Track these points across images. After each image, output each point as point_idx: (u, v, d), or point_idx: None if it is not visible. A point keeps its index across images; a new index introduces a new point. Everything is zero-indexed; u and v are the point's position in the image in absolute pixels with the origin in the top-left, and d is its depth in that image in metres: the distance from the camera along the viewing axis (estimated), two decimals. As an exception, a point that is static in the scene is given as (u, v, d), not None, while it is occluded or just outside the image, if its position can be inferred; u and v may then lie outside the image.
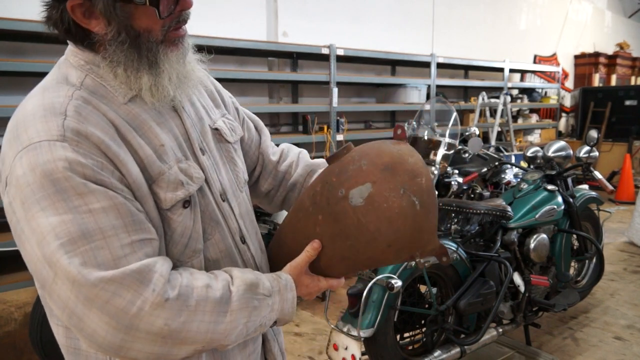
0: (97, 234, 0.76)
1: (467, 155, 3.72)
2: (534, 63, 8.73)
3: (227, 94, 1.18)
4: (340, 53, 4.74)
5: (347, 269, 1.00)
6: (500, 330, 2.68)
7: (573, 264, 3.40)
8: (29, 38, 3.32)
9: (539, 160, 3.24)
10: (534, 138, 8.23)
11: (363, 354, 2.23)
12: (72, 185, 0.76)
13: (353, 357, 2.18)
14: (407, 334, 2.49)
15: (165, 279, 0.79)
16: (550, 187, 2.97)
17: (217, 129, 1.05)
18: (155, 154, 0.88)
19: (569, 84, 9.72)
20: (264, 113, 4.70)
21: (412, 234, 0.90)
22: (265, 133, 1.27)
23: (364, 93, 5.98)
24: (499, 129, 6.69)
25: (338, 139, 4.80)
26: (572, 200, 3.04)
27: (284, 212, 1.27)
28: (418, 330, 2.50)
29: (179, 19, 0.89)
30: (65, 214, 0.75)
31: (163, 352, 0.79)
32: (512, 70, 7.58)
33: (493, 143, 6.19)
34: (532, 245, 2.78)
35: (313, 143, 4.59)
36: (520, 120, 8.02)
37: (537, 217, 2.80)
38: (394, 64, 6.05)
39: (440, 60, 5.98)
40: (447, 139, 3.75)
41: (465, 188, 3.52)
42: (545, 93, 8.79)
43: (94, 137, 0.80)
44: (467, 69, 7.23)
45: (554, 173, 3.07)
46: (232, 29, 4.33)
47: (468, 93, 7.23)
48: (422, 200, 0.90)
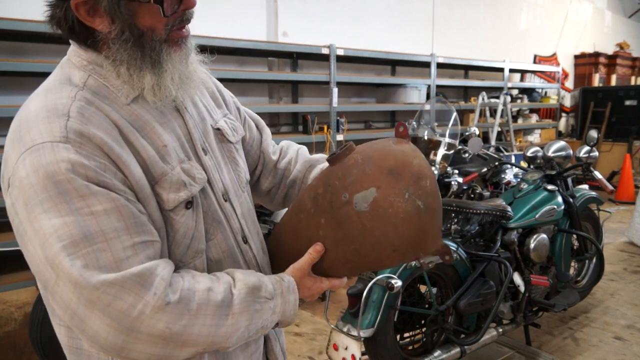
0: (99, 236, 0.76)
1: (467, 155, 3.72)
2: (534, 63, 8.73)
3: (228, 94, 1.18)
4: (340, 53, 4.74)
5: (350, 271, 1.00)
6: (500, 330, 2.68)
7: (573, 264, 3.40)
8: (29, 38, 3.32)
9: (539, 160, 3.24)
10: (534, 138, 8.23)
11: (363, 354, 2.23)
12: (74, 187, 0.76)
13: (353, 357, 2.18)
14: (407, 334, 2.49)
15: (167, 283, 0.79)
16: (550, 187, 2.97)
17: (219, 129, 1.05)
18: (158, 155, 0.88)
19: (569, 84, 9.72)
20: (264, 113, 4.70)
21: (417, 238, 0.90)
22: (266, 132, 1.27)
23: (364, 93, 5.98)
24: (499, 129, 6.69)
25: (338, 139, 4.79)
26: (572, 200, 3.04)
27: (285, 210, 1.27)
28: (418, 330, 2.50)
29: (183, 18, 0.89)
30: (68, 216, 0.75)
31: (164, 353, 0.79)
32: (512, 70, 7.58)
33: (493, 143, 6.19)
34: (532, 245, 2.78)
35: (313, 143, 4.59)
36: (520, 120, 8.02)
37: (537, 217, 2.80)
38: (394, 64, 6.05)
39: (440, 60, 5.98)
40: (447, 139, 3.76)
41: (465, 188, 3.53)
42: (545, 93, 8.79)
43: (97, 138, 0.80)
44: (467, 69, 7.23)
45: (554, 173, 3.07)
46: (232, 29, 4.33)
47: (468, 93, 7.23)
48: (427, 204, 0.89)
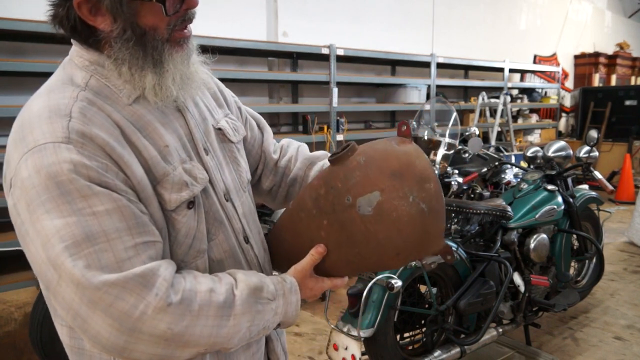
0: (100, 237, 0.76)
1: (467, 155, 3.72)
2: (534, 63, 8.73)
3: (229, 94, 1.18)
4: (340, 53, 4.74)
5: (351, 272, 1.00)
6: (500, 330, 2.68)
7: (573, 264, 3.40)
8: (29, 38, 3.32)
9: (539, 160, 3.24)
10: (534, 138, 8.23)
11: (363, 354, 2.23)
12: (76, 188, 0.76)
13: (353, 357, 2.19)
14: (407, 334, 2.49)
15: (169, 284, 0.79)
16: (550, 187, 2.97)
17: (220, 129, 1.05)
18: (160, 155, 0.88)
19: (569, 84, 9.72)
20: (264, 113, 4.62)
21: (420, 241, 0.90)
22: (268, 131, 1.27)
23: (364, 93, 5.98)
24: (499, 129, 6.69)
25: (338, 139, 4.80)
26: (572, 200, 3.04)
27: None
28: (418, 330, 2.50)
29: (185, 18, 0.89)
30: (70, 217, 0.75)
31: (166, 353, 0.80)
32: (512, 70, 7.58)
33: (493, 143, 6.19)
34: (532, 245, 2.78)
35: (313, 143, 4.59)
36: (520, 120, 8.03)
37: (537, 217, 2.80)
38: (394, 64, 6.05)
39: (440, 60, 5.98)
40: (447, 139, 3.76)
41: (465, 188, 3.52)
42: (545, 93, 8.79)
43: (99, 138, 0.80)
44: (467, 69, 7.23)
45: (554, 173, 3.07)
46: (232, 29, 4.33)
47: (468, 93, 7.24)
48: (430, 207, 0.89)
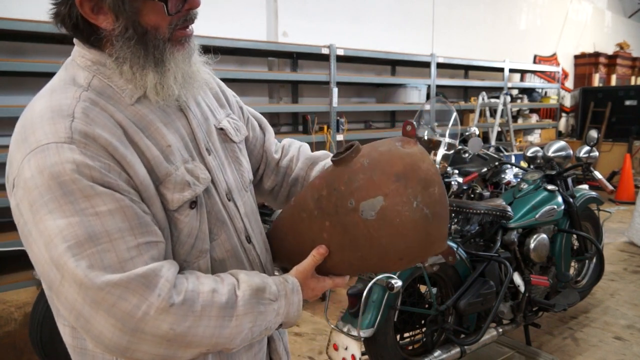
0: (103, 237, 0.76)
1: (467, 155, 3.72)
2: (534, 63, 8.73)
3: (231, 94, 1.18)
4: (340, 53, 4.74)
5: (353, 273, 1.00)
6: (500, 330, 2.68)
7: (573, 264, 3.40)
8: (29, 38, 3.32)
9: (539, 160, 3.24)
10: (534, 138, 8.23)
11: (363, 354, 2.23)
12: (79, 188, 0.76)
13: (353, 357, 2.19)
14: (407, 334, 2.49)
15: (171, 284, 0.79)
16: (550, 187, 2.97)
17: (222, 129, 1.05)
18: (162, 155, 0.88)
19: (569, 84, 9.73)
20: (264, 113, 4.59)
21: (423, 245, 0.90)
22: (269, 131, 1.27)
23: (364, 93, 5.98)
24: (499, 129, 6.70)
25: (338, 139, 4.80)
26: (572, 200, 3.04)
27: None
28: (418, 330, 2.50)
29: (186, 18, 0.90)
30: (72, 217, 0.75)
31: (169, 354, 0.80)
32: (512, 70, 7.58)
33: (493, 143, 6.19)
34: (532, 245, 2.79)
35: (313, 143, 4.59)
36: (520, 120, 8.03)
37: (537, 217, 2.81)
38: (394, 64, 6.05)
39: (440, 60, 5.98)
40: (447, 139, 3.76)
41: (465, 188, 3.52)
42: (545, 93, 8.79)
43: (102, 139, 0.80)
44: (467, 69, 7.23)
45: (554, 173, 3.07)
46: (232, 29, 4.33)
47: (468, 93, 7.24)
48: (434, 212, 0.88)
